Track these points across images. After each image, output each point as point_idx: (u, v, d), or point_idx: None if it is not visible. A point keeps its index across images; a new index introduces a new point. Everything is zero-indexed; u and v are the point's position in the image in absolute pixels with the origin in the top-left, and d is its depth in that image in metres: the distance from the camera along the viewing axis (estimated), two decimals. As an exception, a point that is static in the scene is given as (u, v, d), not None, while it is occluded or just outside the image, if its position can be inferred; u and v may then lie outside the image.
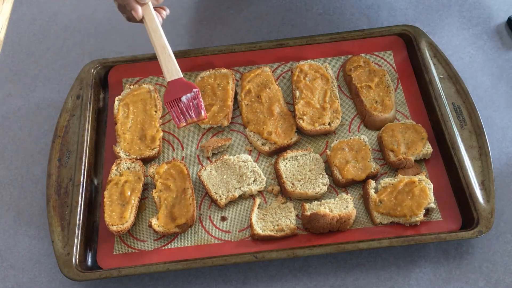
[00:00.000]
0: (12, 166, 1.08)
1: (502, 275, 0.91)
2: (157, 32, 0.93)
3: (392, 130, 1.01)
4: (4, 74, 1.21)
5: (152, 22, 0.93)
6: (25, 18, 1.30)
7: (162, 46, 0.92)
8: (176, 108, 0.90)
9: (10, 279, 0.95)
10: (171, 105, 0.90)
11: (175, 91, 0.91)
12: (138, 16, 0.93)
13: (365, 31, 1.15)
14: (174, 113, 0.90)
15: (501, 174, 1.00)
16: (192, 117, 0.91)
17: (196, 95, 0.90)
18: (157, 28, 0.93)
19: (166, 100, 0.91)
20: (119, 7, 0.95)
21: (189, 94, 0.90)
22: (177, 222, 0.94)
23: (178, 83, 0.91)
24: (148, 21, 0.93)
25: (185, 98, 0.90)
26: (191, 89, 0.91)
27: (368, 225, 0.95)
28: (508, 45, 1.18)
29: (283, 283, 0.92)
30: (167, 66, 0.91)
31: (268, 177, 1.02)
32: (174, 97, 0.90)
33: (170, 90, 0.91)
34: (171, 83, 0.91)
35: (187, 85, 0.91)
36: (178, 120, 0.90)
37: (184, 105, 0.90)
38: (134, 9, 0.92)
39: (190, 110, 0.91)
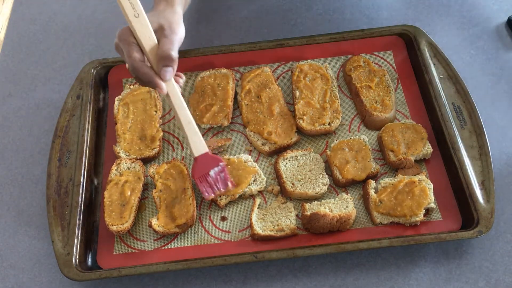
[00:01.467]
0: (12, 166, 1.08)
1: (502, 275, 0.91)
2: (182, 108, 0.91)
3: (392, 130, 1.01)
4: (4, 74, 1.21)
5: (176, 98, 0.90)
6: (25, 18, 1.30)
7: (188, 122, 0.91)
8: (205, 182, 0.92)
9: (10, 279, 0.95)
10: (200, 180, 0.92)
11: (203, 166, 0.92)
12: (163, 93, 0.90)
13: (365, 31, 1.15)
14: (203, 187, 0.92)
15: (501, 174, 1.00)
16: (220, 190, 0.93)
17: (222, 169, 0.93)
18: (182, 104, 0.91)
19: (196, 175, 0.92)
20: (137, 79, 0.90)
21: (216, 168, 0.92)
22: (177, 222, 0.94)
23: (205, 158, 0.92)
24: (172, 96, 0.90)
25: (213, 173, 0.92)
26: (217, 163, 0.92)
27: (368, 225, 0.95)
28: (508, 45, 1.18)
29: (283, 283, 0.92)
30: (194, 142, 0.91)
31: (268, 177, 1.02)
32: (203, 172, 0.92)
33: (198, 164, 0.92)
34: (199, 157, 0.92)
35: (213, 159, 0.93)
36: (207, 193, 0.92)
37: (212, 179, 0.92)
38: (158, 86, 0.88)
39: (218, 183, 0.93)
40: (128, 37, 0.88)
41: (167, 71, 0.87)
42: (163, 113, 1.11)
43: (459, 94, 1.05)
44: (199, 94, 1.09)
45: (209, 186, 0.92)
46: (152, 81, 0.88)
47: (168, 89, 0.89)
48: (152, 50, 0.88)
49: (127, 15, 0.86)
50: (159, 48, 0.87)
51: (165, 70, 0.87)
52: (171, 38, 0.88)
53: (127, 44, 0.88)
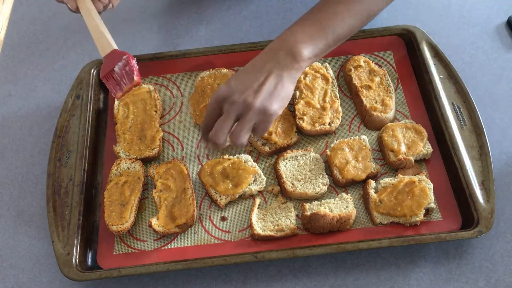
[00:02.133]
0: (12, 166, 1.08)
1: (502, 275, 0.91)
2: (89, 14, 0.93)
3: (392, 130, 1.01)
4: (4, 74, 1.21)
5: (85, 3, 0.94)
6: (25, 18, 1.30)
7: (94, 27, 0.92)
8: (111, 80, 0.89)
9: (10, 279, 0.95)
10: (106, 78, 0.89)
11: (109, 64, 0.90)
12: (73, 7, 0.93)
13: (365, 31, 1.15)
14: (110, 86, 0.89)
15: (501, 174, 1.00)
16: (127, 83, 0.90)
17: (127, 62, 0.89)
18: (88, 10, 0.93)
19: (101, 75, 0.90)
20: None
21: (119, 62, 0.89)
22: (177, 222, 0.94)
23: (111, 56, 0.89)
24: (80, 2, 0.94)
25: (117, 68, 0.89)
26: (121, 58, 0.90)
27: (368, 225, 0.95)
28: (508, 45, 1.18)
29: (283, 283, 0.92)
30: (99, 43, 0.91)
31: (268, 177, 1.02)
32: (108, 69, 0.89)
33: (104, 64, 0.90)
34: (105, 58, 0.90)
35: (119, 54, 0.90)
36: (115, 91, 0.89)
37: (118, 74, 0.89)
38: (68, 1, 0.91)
39: (124, 77, 0.89)
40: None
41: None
42: (163, 113, 1.11)
43: (459, 94, 1.05)
44: (199, 94, 1.09)
45: (116, 84, 0.89)
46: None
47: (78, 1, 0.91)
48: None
49: None
50: None
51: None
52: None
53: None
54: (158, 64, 1.15)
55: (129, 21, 1.28)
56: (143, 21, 1.28)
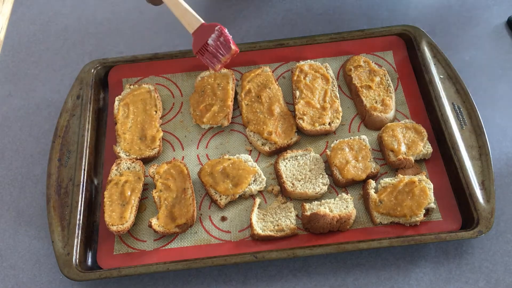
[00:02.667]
0: (12, 166, 1.08)
1: (502, 275, 0.91)
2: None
3: (392, 130, 1.01)
4: (4, 74, 1.21)
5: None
6: (25, 18, 1.30)
7: (175, 4, 0.89)
8: (206, 54, 0.86)
9: (10, 279, 0.95)
10: (201, 53, 0.86)
11: (201, 38, 0.87)
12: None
13: (365, 31, 1.15)
14: (207, 60, 0.86)
15: (501, 174, 1.00)
16: (224, 55, 0.87)
17: (220, 33, 0.86)
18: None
19: (194, 51, 0.87)
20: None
21: (213, 34, 0.87)
22: (177, 222, 0.94)
23: (200, 31, 0.87)
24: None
25: (211, 40, 0.87)
26: (213, 29, 0.87)
27: (368, 225, 0.95)
28: (508, 45, 1.18)
29: (283, 283, 0.92)
30: (185, 19, 0.88)
31: (268, 177, 1.02)
32: (200, 44, 0.86)
33: (195, 40, 0.87)
34: (194, 33, 0.87)
35: (209, 27, 0.87)
36: (213, 64, 0.86)
37: (213, 47, 0.87)
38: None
39: (220, 49, 0.87)
40: None
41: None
42: (163, 113, 1.11)
43: (459, 94, 1.05)
44: (199, 94, 1.09)
45: (213, 56, 0.87)
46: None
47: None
48: None
49: None
50: None
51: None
52: None
53: None
54: (158, 64, 1.15)
55: (129, 21, 1.28)
56: (143, 21, 1.28)
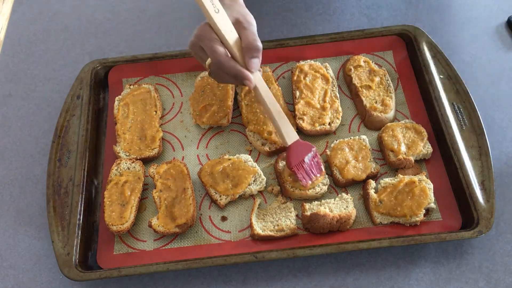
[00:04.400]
0: (12, 166, 1.08)
1: (502, 275, 0.91)
2: (271, 98, 0.91)
3: (392, 130, 1.01)
4: (4, 74, 1.21)
5: (264, 90, 0.91)
6: (25, 18, 1.30)
7: (278, 111, 0.92)
8: (301, 170, 0.93)
9: (10, 279, 0.95)
10: (297, 168, 0.93)
11: (298, 153, 0.93)
12: (252, 86, 0.88)
13: (365, 31, 1.15)
14: (301, 174, 0.93)
15: (501, 174, 1.00)
16: (316, 176, 0.94)
17: (315, 154, 0.94)
18: (270, 94, 0.91)
19: (292, 164, 0.92)
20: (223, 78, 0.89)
21: (310, 154, 0.94)
22: (177, 222, 0.94)
23: (298, 145, 0.93)
24: (260, 88, 0.90)
25: (307, 159, 0.94)
26: (310, 149, 0.94)
27: (368, 225, 0.95)
28: (508, 45, 1.18)
29: (283, 283, 0.92)
30: (286, 131, 0.93)
31: (268, 177, 1.02)
32: (298, 159, 0.93)
33: (293, 153, 0.93)
34: (292, 145, 0.93)
35: (305, 145, 0.94)
36: (305, 180, 0.93)
37: (307, 165, 0.93)
38: (247, 79, 0.87)
39: (313, 168, 0.94)
40: (210, 33, 0.88)
41: (255, 62, 0.88)
42: (163, 113, 1.11)
43: (459, 94, 1.05)
44: (199, 94, 1.09)
45: (306, 173, 0.92)
46: (240, 73, 0.87)
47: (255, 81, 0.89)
48: (236, 43, 0.88)
49: (208, 11, 0.86)
50: (244, 40, 0.87)
51: (252, 61, 0.87)
52: (252, 30, 0.89)
53: (210, 40, 0.87)
54: (158, 64, 1.15)
55: (129, 21, 1.28)
56: (143, 21, 1.28)
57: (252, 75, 0.88)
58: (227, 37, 0.87)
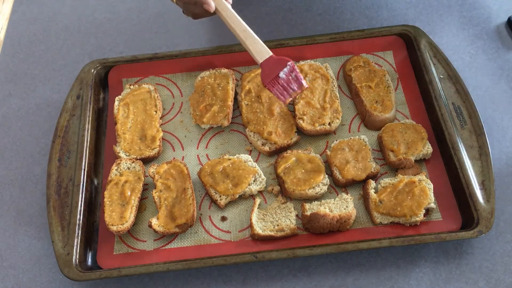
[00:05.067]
0: (12, 166, 1.08)
1: (502, 275, 0.91)
2: (234, 18, 0.90)
3: (392, 130, 1.01)
4: (4, 74, 1.21)
5: (226, 10, 0.90)
6: (25, 18, 1.30)
7: (244, 30, 0.89)
8: (277, 86, 0.88)
9: (10, 279, 0.95)
10: (271, 84, 0.88)
11: (271, 70, 0.88)
12: (212, 9, 0.89)
13: (365, 31, 1.15)
14: (277, 91, 0.88)
15: (501, 174, 1.00)
16: (295, 90, 0.89)
17: (292, 68, 0.88)
18: (232, 14, 0.90)
19: (265, 81, 0.88)
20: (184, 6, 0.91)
21: (285, 68, 0.88)
22: (177, 222, 0.94)
23: (271, 62, 0.88)
24: (222, 10, 0.90)
25: (283, 74, 0.88)
26: (285, 63, 0.88)
27: (368, 225, 0.95)
28: (508, 45, 1.18)
29: (283, 283, 0.92)
30: (255, 49, 0.89)
31: (268, 177, 1.02)
32: (272, 76, 0.87)
33: (265, 70, 0.88)
34: (264, 63, 0.89)
35: (280, 60, 0.89)
36: (283, 97, 0.88)
37: (284, 80, 0.88)
38: (206, 3, 0.88)
39: (291, 83, 0.88)
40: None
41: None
42: (163, 113, 1.11)
43: (459, 94, 1.05)
44: (199, 94, 1.09)
45: (283, 90, 0.88)
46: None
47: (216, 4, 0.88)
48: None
49: None
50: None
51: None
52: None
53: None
54: (158, 64, 1.15)
55: (129, 21, 1.28)
56: (143, 21, 1.28)
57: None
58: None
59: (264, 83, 0.88)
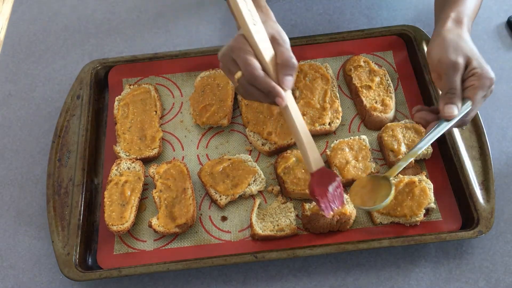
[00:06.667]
0: (12, 166, 1.08)
1: (502, 275, 0.91)
2: (300, 119, 0.86)
3: (392, 130, 1.01)
4: (4, 74, 1.21)
5: (295, 111, 0.85)
6: (25, 18, 1.30)
7: (307, 135, 0.86)
8: (325, 198, 0.87)
9: (10, 279, 0.95)
10: (321, 196, 0.87)
11: (322, 181, 0.88)
12: (283, 104, 0.83)
13: (365, 31, 1.15)
14: (324, 203, 0.87)
15: (501, 174, 1.00)
16: (338, 207, 0.88)
17: (339, 184, 0.88)
18: (300, 115, 0.86)
19: (316, 191, 0.87)
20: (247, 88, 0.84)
21: (334, 183, 0.88)
22: (177, 222, 0.94)
23: (323, 173, 0.88)
24: (291, 108, 0.85)
25: (331, 188, 0.88)
26: (335, 178, 0.88)
27: (368, 225, 0.95)
28: (508, 45, 1.18)
29: (283, 283, 0.92)
30: (313, 156, 0.87)
31: (268, 177, 1.02)
32: (323, 187, 0.87)
33: (316, 179, 0.87)
34: (316, 172, 0.87)
35: (330, 174, 0.88)
36: (327, 210, 0.88)
37: (331, 195, 0.87)
38: (280, 96, 0.82)
39: (336, 199, 0.88)
40: (245, 46, 0.83)
41: (289, 79, 0.83)
42: (163, 113, 1.11)
43: (459, 94, 1.05)
44: (199, 94, 1.09)
45: (329, 203, 0.87)
46: (273, 90, 0.82)
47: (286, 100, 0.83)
48: (271, 60, 0.83)
49: (247, 23, 0.81)
50: (279, 57, 0.83)
51: (287, 78, 0.83)
52: (287, 47, 0.85)
53: (244, 52, 0.82)
54: (158, 64, 1.15)
55: (129, 21, 1.28)
56: (143, 21, 1.28)
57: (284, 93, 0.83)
58: (263, 51, 0.82)
59: (315, 194, 0.87)
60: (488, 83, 0.86)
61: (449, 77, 0.87)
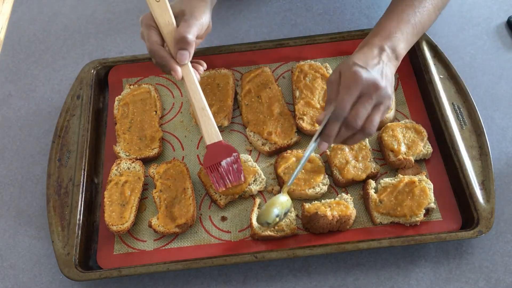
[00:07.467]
0: (12, 166, 1.08)
1: (502, 275, 0.91)
2: (197, 93, 0.91)
3: (392, 130, 1.01)
4: (4, 74, 1.21)
5: (191, 83, 0.91)
6: (25, 18, 1.30)
7: (202, 108, 0.90)
8: (216, 173, 0.89)
9: (10, 279, 0.95)
10: (211, 169, 0.89)
11: (215, 155, 0.89)
12: (178, 77, 0.90)
13: (365, 31, 1.15)
14: (214, 178, 0.89)
15: (501, 174, 1.00)
16: (232, 182, 0.91)
17: (236, 159, 0.89)
18: (196, 90, 0.91)
19: (206, 164, 0.90)
20: (156, 64, 0.93)
21: (229, 158, 0.90)
22: (177, 222, 0.94)
23: (217, 147, 0.89)
24: (188, 81, 0.91)
25: (225, 163, 0.89)
26: (231, 153, 0.90)
27: (368, 225, 0.95)
28: (508, 45, 1.18)
29: (283, 283, 0.92)
30: (206, 129, 0.90)
31: (268, 177, 1.02)
32: (214, 161, 0.89)
33: (210, 154, 0.90)
34: (210, 146, 0.90)
35: (226, 148, 0.90)
36: (218, 185, 0.90)
37: (224, 169, 0.89)
38: (173, 70, 0.89)
39: (230, 174, 0.90)
40: (149, 21, 0.91)
41: (183, 54, 0.89)
42: (163, 113, 1.11)
43: (459, 94, 1.05)
44: (199, 94, 1.09)
45: (221, 178, 0.89)
46: (167, 64, 0.89)
47: (183, 74, 0.89)
48: (170, 34, 0.89)
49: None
50: (177, 32, 0.89)
51: (180, 53, 0.89)
52: (189, 22, 0.89)
53: (147, 28, 0.90)
54: (158, 64, 1.14)
55: (129, 21, 1.28)
56: (143, 21, 1.28)
57: (181, 67, 0.89)
58: (162, 26, 0.89)
59: (205, 166, 0.90)
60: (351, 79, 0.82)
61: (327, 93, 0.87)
